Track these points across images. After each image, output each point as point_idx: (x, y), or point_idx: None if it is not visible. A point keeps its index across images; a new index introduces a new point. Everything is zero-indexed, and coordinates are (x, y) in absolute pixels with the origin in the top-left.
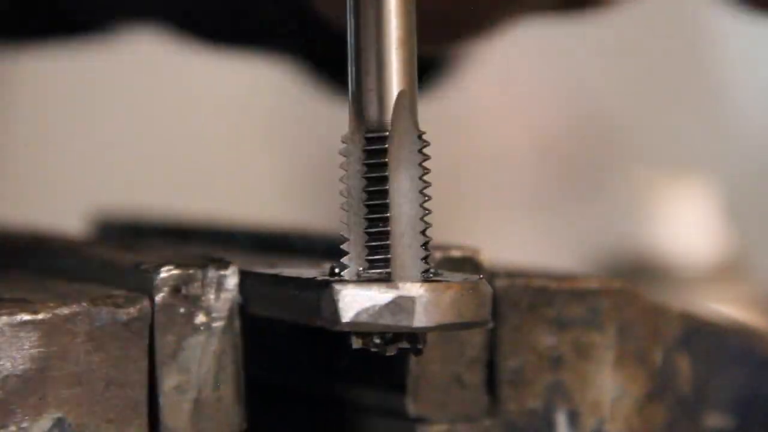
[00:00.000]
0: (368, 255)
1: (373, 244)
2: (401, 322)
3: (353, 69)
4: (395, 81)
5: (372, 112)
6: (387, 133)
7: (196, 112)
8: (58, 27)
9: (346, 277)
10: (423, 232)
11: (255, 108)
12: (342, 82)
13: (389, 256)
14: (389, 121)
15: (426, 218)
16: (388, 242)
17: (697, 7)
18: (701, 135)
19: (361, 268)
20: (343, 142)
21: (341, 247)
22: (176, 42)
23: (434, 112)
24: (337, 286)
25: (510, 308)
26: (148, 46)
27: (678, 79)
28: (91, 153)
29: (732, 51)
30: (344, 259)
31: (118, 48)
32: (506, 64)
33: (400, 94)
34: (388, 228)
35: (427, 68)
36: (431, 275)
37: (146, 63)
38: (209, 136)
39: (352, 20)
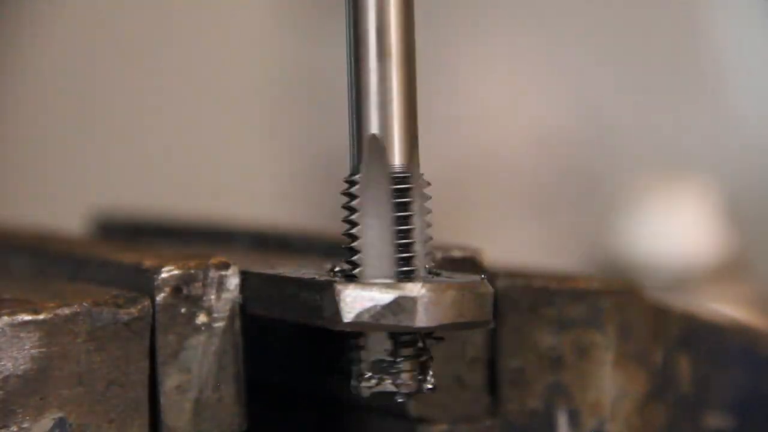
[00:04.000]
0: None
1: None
2: (402, 322)
3: (361, 119)
4: (407, 130)
5: (398, 156)
6: (409, 174)
7: (196, 112)
8: None
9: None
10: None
11: (255, 108)
12: None
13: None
14: (405, 168)
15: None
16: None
17: (697, 8)
18: (701, 135)
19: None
20: (354, 179)
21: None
22: None
23: (435, 113)
24: (338, 286)
25: (510, 308)
26: (148, 46)
27: (678, 80)
28: (91, 153)
29: (732, 52)
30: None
31: (118, 47)
32: (507, 65)
33: (413, 142)
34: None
35: None
36: (432, 275)
37: (145, 63)
38: (209, 136)
39: (356, 72)
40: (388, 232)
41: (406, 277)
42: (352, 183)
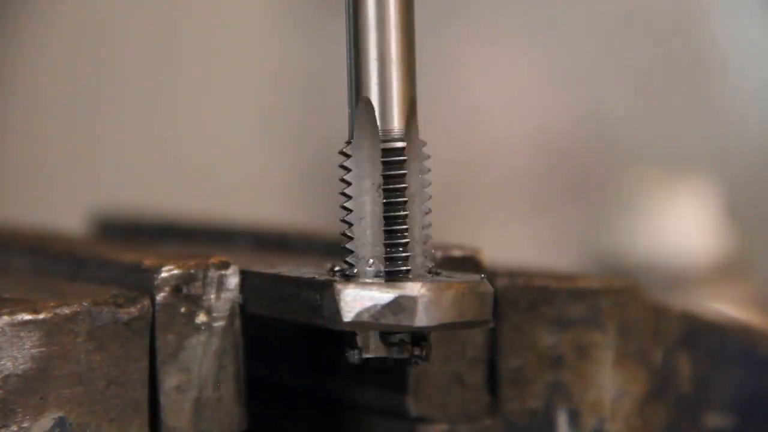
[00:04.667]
0: (386, 254)
1: (391, 243)
2: (403, 321)
3: (357, 81)
4: (404, 92)
5: (387, 123)
6: (403, 144)
7: (196, 111)
8: None
9: (357, 275)
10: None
11: (255, 108)
12: None
13: (408, 254)
14: (402, 132)
15: (427, 217)
16: (406, 241)
17: (698, 8)
18: (701, 135)
19: (370, 267)
20: (345, 151)
21: (345, 246)
22: None
23: (435, 113)
24: (338, 286)
25: (510, 308)
26: (147, 46)
27: (678, 80)
28: (91, 153)
29: (732, 51)
30: (350, 258)
31: (117, 47)
32: (507, 64)
33: (412, 106)
34: (406, 229)
35: None
36: (432, 274)
37: (145, 63)
38: (209, 135)
39: (353, 35)
40: (380, 201)
41: (403, 249)
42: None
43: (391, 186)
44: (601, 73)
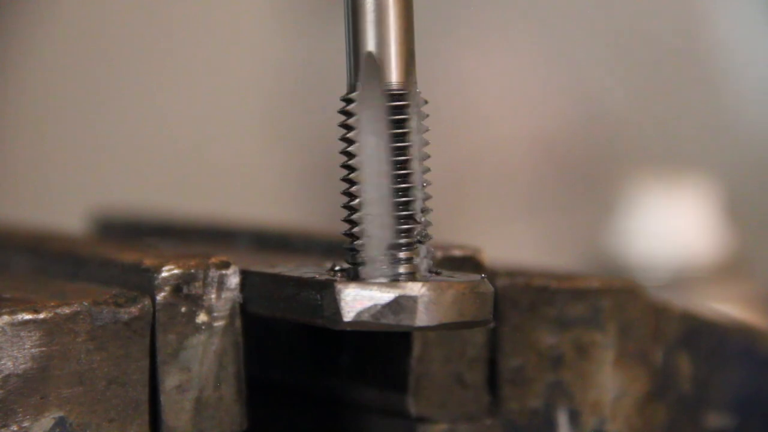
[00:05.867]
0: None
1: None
2: (403, 321)
3: (355, 34)
4: (402, 46)
5: (387, 77)
6: (406, 92)
7: (196, 111)
8: None
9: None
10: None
11: (255, 107)
12: None
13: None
14: (401, 86)
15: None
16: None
17: (699, 8)
18: (701, 135)
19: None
20: (350, 97)
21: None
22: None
23: (435, 113)
24: (338, 286)
25: (511, 307)
26: (147, 46)
27: (678, 80)
28: (91, 153)
29: (732, 51)
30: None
31: (118, 47)
32: (506, 64)
33: (411, 59)
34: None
35: None
36: (433, 274)
37: (145, 63)
38: (209, 135)
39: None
40: (385, 149)
41: (404, 193)
42: (348, 101)
43: (394, 131)
44: (601, 73)
